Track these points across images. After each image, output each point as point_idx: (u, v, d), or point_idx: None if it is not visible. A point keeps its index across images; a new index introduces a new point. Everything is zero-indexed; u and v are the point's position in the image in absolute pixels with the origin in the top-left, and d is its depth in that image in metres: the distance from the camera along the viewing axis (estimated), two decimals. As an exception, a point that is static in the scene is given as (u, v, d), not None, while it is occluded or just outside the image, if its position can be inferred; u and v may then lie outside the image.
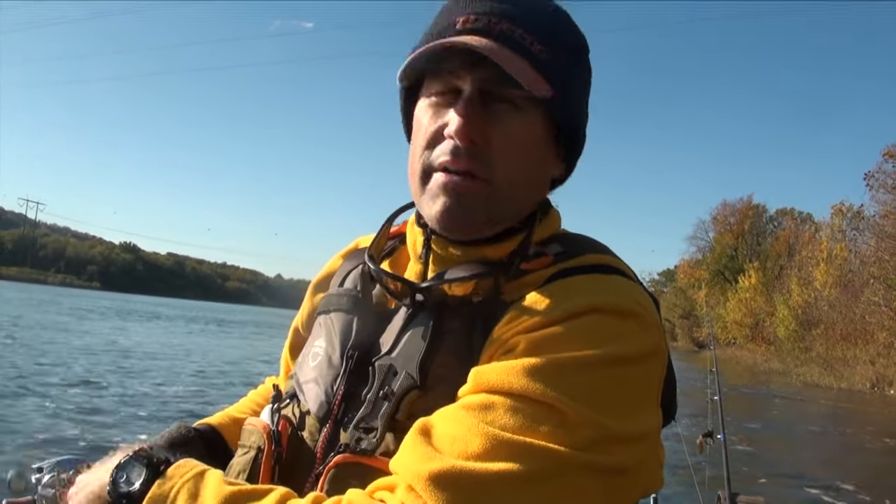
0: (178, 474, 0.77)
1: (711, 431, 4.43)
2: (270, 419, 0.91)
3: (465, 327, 0.83)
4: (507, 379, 0.72)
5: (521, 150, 0.85)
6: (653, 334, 0.80)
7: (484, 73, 0.83)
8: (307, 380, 0.92)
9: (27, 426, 8.15)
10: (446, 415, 0.74)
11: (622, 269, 0.86)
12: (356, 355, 0.88)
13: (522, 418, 0.70)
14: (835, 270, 38.65)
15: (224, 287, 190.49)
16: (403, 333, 0.86)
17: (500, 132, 0.84)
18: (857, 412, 19.34)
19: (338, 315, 0.94)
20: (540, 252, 0.87)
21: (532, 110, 0.85)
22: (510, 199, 0.86)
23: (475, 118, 0.83)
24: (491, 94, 0.84)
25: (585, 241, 0.92)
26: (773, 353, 41.10)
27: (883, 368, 27.51)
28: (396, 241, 1.03)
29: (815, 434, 14.26)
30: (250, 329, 42.62)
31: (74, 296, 71.46)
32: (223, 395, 11.68)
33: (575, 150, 0.94)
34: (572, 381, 0.72)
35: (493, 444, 0.69)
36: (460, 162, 0.83)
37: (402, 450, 0.73)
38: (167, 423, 1.36)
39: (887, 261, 28.80)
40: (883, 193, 30.52)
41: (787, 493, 8.27)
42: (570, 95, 0.88)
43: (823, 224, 46.23)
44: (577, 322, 0.76)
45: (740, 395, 20.65)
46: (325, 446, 0.84)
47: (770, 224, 62.10)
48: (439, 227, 0.87)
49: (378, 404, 0.82)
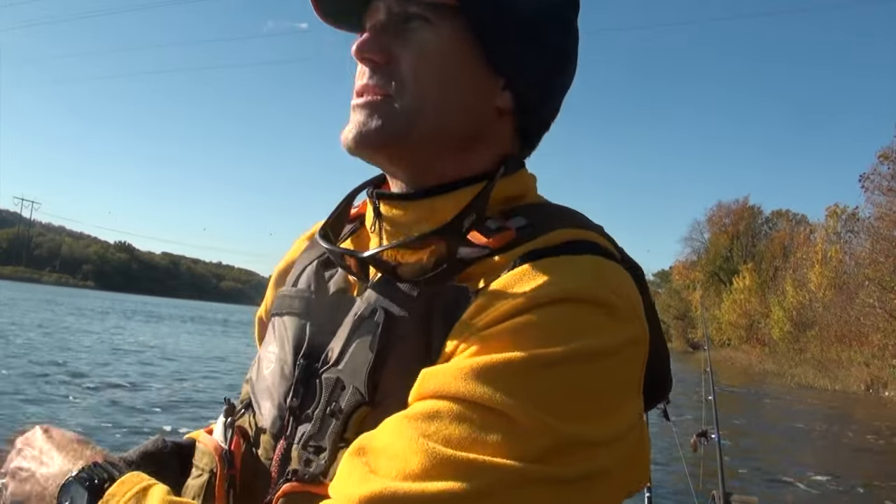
0: (120, 492, 0.73)
1: (706, 431, 4.43)
2: (223, 436, 0.85)
3: (421, 328, 0.75)
4: (455, 383, 0.66)
5: (426, 57, 0.80)
6: (629, 324, 0.72)
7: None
8: (261, 390, 0.86)
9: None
10: (388, 427, 0.68)
11: (598, 244, 0.77)
12: (304, 365, 0.82)
13: (468, 428, 0.64)
14: (829, 272, 38.75)
15: (219, 287, 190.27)
16: (351, 342, 0.78)
17: (406, 44, 0.80)
18: (851, 414, 19.40)
19: (290, 319, 0.88)
20: (501, 226, 0.78)
21: (443, 22, 0.80)
22: (424, 112, 0.80)
23: (375, 37, 0.81)
24: (403, 16, 0.81)
25: (556, 211, 0.83)
26: (768, 354, 41.22)
27: (877, 370, 27.59)
28: (357, 222, 0.96)
29: (810, 435, 14.30)
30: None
31: (74, 296, 71.31)
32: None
33: (522, 81, 0.85)
34: (528, 382, 0.65)
35: (434, 460, 0.62)
36: (363, 82, 0.82)
37: (339, 472, 0.69)
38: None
39: (882, 263, 28.85)
40: (878, 195, 30.59)
41: (781, 493, 8.31)
42: (488, 9, 0.81)
43: (818, 226, 46.38)
44: (538, 314, 0.68)
45: (735, 396, 20.70)
46: (279, 466, 0.79)
47: (765, 225, 62.26)
48: (352, 144, 0.81)
49: (326, 422, 0.76)
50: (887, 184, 29.47)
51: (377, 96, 0.80)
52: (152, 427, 8.75)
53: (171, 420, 9.44)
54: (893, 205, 29.09)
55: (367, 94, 0.81)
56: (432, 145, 0.81)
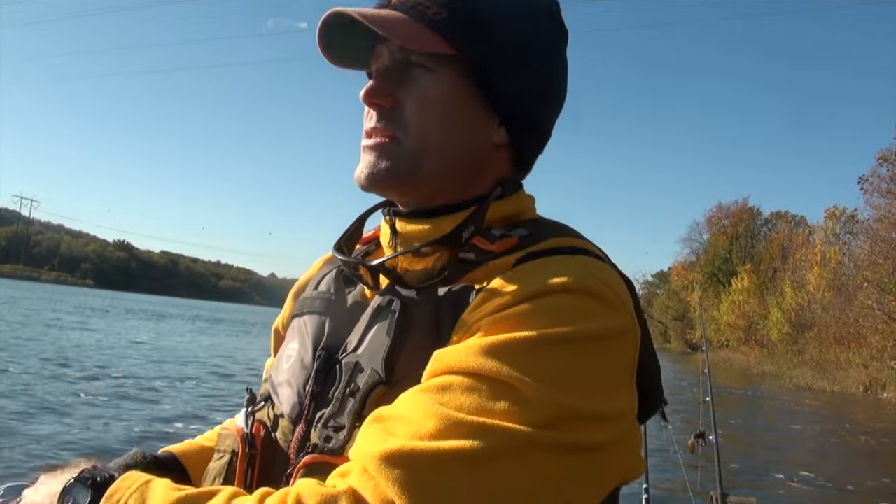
0: (124, 487, 0.75)
1: (703, 432, 4.44)
2: (245, 422, 0.92)
3: (432, 318, 0.82)
4: (465, 359, 0.72)
5: (432, 106, 0.87)
6: (619, 314, 0.79)
7: (393, 45, 0.88)
8: (280, 382, 0.93)
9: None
10: (403, 399, 0.74)
11: (590, 250, 0.86)
12: (324, 355, 0.88)
13: (478, 397, 0.70)
14: (828, 274, 38.78)
15: (218, 286, 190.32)
16: (369, 329, 0.86)
17: (410, 91, 0.87)
18: (850, 415, 19.40)
19: (310, 317, 0.96)
20: (505, 234, 0.87)
21: (442, 70, 0.87)
22: (428, 153, 0.87)
23: (381, 84, 0.88)
24: (405, 62, 0.88)
25: (553, 225, 0.92)
26: (766, 355, 41.23)
27: (876, 372, 27.59)
28: (372, 244, 1.04)
29: (808, 436, 14.32)
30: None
31: (79, 295, 71.32)
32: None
33: (517, 118, 0.92)
34: (532, 359, 0.71)
35: (448, 423, 0.68)
36: (371, 125, 0.88)
37: (359, 438, 0.74)
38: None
39: (881, 265, 28.86)
40: (877, 197, 30.59)
41: (778, 494, 8.31)
42: (483, 57, 0.87)
43: (817, 227, 46.40)
44: (540, 301, 0.75)
45: (733, 397, 20.72)
46: (297, 447, 0.84)
47: (764, 227, 62.31)
48: (364, 183, 0.89)
49: (345, 402, 0.82)
50: (886, 186, 29.50)
51: (385, 139, 0.87)
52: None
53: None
54: (892, 207, 29.12)
55: (376, 137, 0.88)
56: (436, 181, 0.89)
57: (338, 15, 0.87)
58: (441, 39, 0.86)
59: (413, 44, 0.85)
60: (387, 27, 0.84)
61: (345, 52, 0.93)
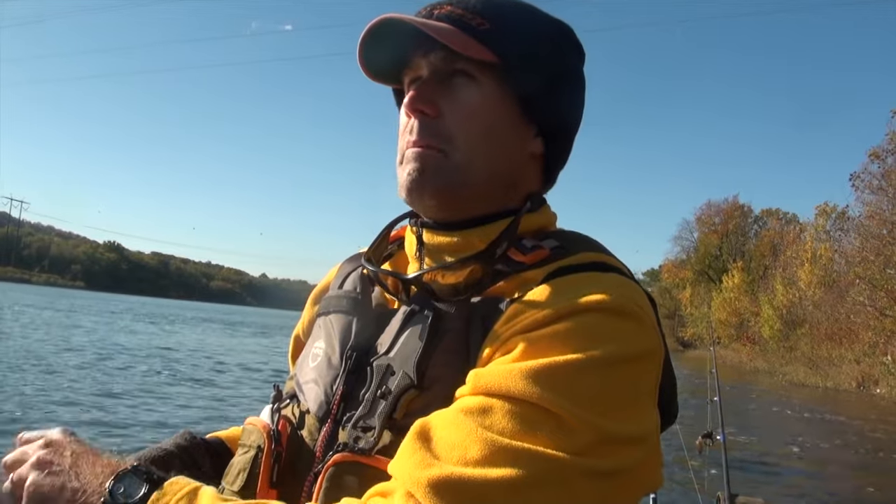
0: (172, 491, 0.76)
1: (711, 432, 4.46)
2: (270, 419, 0.92)
3: (463, 326, 0.84)
4: (505, 382, 0.72)
5: (475, 115, 0.89)
6: (650, 334, 0.81)
7: (436, 55, 0.89)
8: (307, 380, 0.93)
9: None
10: (445, 418, 0.74)
11: (619, 268, 0.87)
12: (355, 356, 0.89)
13: (520, 423, 0.70)
14: (819, 270, 38.91)
15: (208, 287, 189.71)
16: (401, 333, 0.87)
17: (454, 101, 0.89)
18: (845, 411, 19.48)
19: (337, 316, 0.97)
20: (536, 245, 0.88)
21: (486, 79, 0.89)
22: (472, 164, 0.89)
23: (425, 93, 0.89)
24: (447, 72, 0.89)
25: (581, 238, 0.93)
26: (759, 352, 41.37)
27: (868, 367, 27.71)
28: (395, 245, 1.05)
29: (806, 434, 14.36)
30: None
31: (66, 296, 70.99)
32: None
33: (551, 127, 0.95)
34: (570, 383, 0.72)
35: (492, 449, 0.68)
36: (417, 134, 0.89)
37: (401, 454, 0.73)
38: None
39: (872, 261, 28.96)
40: (868, 194, 30.68)
41: (785, 493, 8.32)
42: (524, 66, 0.90)
43: (808, 224, 46.55)
44: (575, 321, 0.76)
45: (730, 395, 20.76)
46: (325, 445, 0.85)
47: (755, 224, 62.46)
48: (408, 194, 0.90)
49: (376, 403, 0.83)
50: (878, 182, 29.62)
51: (432, 150, 0.88)
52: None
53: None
54: (883, 203, 29.28)
55: (422, 148, 0.89)
56: (479, 192, 0.90)
57: (385, 23, 0.87)
58: (486, 48, 0.88)
59: (468, 51, 0.86)
60: (443, 34, 0.85)
61: (381, 65, 0.94)
